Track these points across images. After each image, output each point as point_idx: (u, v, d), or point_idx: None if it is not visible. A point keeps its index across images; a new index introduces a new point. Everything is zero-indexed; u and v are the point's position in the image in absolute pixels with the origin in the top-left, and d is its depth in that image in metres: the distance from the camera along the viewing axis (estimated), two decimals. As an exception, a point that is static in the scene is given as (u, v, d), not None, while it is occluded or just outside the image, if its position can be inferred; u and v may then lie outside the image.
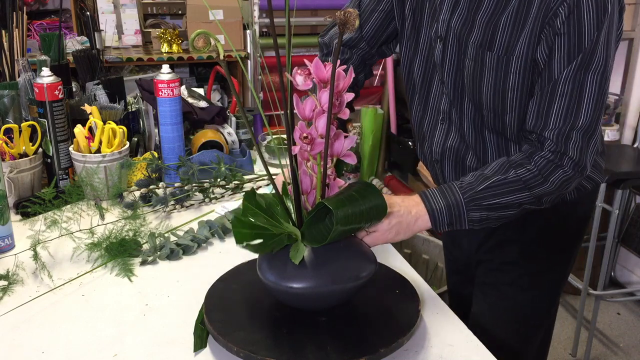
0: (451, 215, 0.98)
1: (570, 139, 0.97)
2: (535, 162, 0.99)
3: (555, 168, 0.98)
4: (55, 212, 1.18)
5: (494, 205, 0.98)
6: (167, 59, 3.27)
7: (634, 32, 2.70)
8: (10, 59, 1.60)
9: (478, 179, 0.99)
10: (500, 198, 0.98)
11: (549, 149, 0.98)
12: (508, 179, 0.98)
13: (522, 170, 0.99)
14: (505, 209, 0.99)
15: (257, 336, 0.84)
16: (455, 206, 0.97)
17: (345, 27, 0.74)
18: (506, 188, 0.98)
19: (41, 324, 0.92)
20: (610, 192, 2.31)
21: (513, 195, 0.98)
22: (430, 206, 0.98)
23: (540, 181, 0.98)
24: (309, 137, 0.82)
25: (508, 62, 1.00)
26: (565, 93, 0.95)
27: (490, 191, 0.98)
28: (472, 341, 0.88)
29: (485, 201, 0.98)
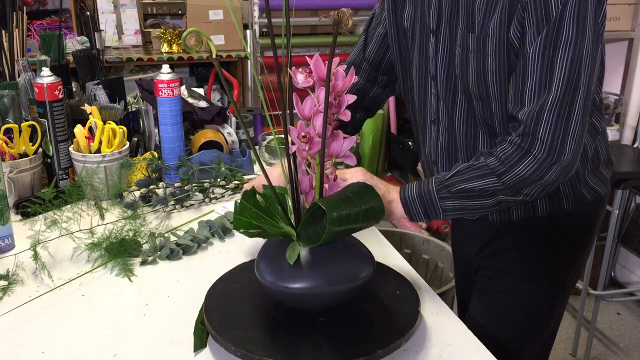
0: (424, 204, 0.99)
1: (540, 119, 0.91)
2: (502, 148, 0.96)
3: (525, 154, 0.93)
4: (55, 212, 1.18)
5: (464, 192, 0.97)
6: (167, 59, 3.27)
7: (633, 32, 2.70)
8: (10, 59, 1.60)
9: (451, 169, 1.00)
10: (468, 184, 0.97)
11: (518, 133, 0.94)
12: (475, 164, 0.98)
13: (489, 157, 0.97)
14: (477, 198, 0.97)
15: (255, 335, 0.84)
16: (427, 194, 0.98)
17: (339, 27, 0.74)
18: (473, 173, 0.97)
19: (41, 324, 0.92)
20: (610, 192, 2.31)
21: (481, 180, 0.96)
22: (404, 194, 0.99)
23: (506, 167, 0.95)
24: (307, 136, 0.82)
25: (485, 43, 0.99)
26: (535, 70, 0.91)
27: (458, 177, 0.97)
28: (472, 341, 0.88)
29: (454, 187, 0.97)
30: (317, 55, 0.82)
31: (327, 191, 0.86)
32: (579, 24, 0.88)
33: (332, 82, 0.82)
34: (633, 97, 2.76)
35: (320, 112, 0.81)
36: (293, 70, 0.83)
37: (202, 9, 3.37)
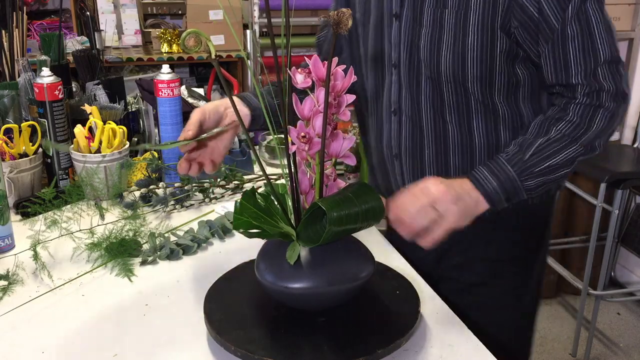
0: (506, 191, 0.97)
1: (598, 75, 0.96)
2: (573, 111, 0.97)
3: (596, 109, 0.97)
4: (55, 212, 1.18)
5: (546, 169, 0.97)
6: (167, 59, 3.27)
7: (633, 32, 2.70)
8: (10, 59, 1.60)
9: (522, 146, 0.98)
10: (550, 160, 0.96)
11: (583, 93, 0.97)
12: (552, 138, 0.97)
13: (562, 124, 0.98)
14: (559, 169, 0.97)
15: (255, 335, 0.84)
16: (508, 181, 0.96)
17: (338, 27, 0.75)
18: (553, 148, 0.97)
19: (41, 324, 0.92)
20: (610, 192, 2.31)
21: (562, 153, 0.97)
22: (484, 189, 0.96)
23: (584, 128, 0.97)
24: (306, 136, 0.82)
25: (465, 19, 0.98)
26: (575, 35, 0.95)
27: (538, 156, 0.96)
28: (472, 341, 0.88)
29: (536, 168, 0.96)
30: (316, 56, 0.82)
31: (327, 191, 0.87)
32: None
33: (331, 82, 0.82)
34: (633, 97, 2.76)
35: (320, 112, 0.82)
36: (292, 70, 0.83)
37: (202, 9, 3.37)
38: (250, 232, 0.87)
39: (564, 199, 2.67)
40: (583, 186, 2.52)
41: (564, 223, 2.76)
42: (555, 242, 2.74)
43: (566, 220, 2.76)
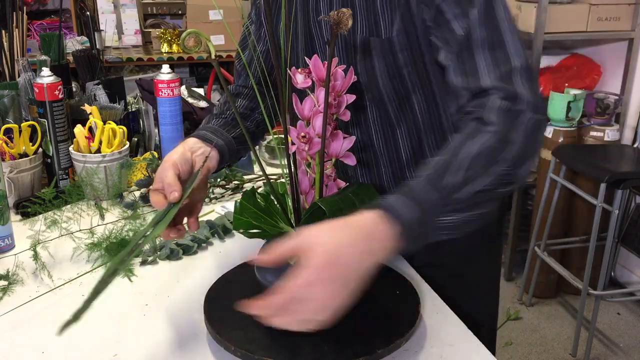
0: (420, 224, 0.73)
1: (513, 79, 0.82)
2: (493, 117, 0.80)
3: (518, 114, 0.79)
4: (55, 212, 1.18)
5: (478, 197, 0.76)
6: (167, 59, 3.27)
7: (633, 32, 2.70)
8: (10, 59, 1.60)
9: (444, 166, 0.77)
10: (478, 181, 0.76)
11: (499, 97, 0.81)
12: (479, 154, 0.77)
13: (485, 137, 0.78)
14: (483, 205, 0.78)
15: (255, 335, 0.84)
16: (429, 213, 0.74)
17: (339, 27, 0.75)
18: (479, 164, 0.76)
19: (41, 324, 0.92)
20: (610, 192, 2.31)
21: (489, 174, 0.77)
22: (402, 222, 0.71)
23: (511, 138, 0.78)
24: (306, 136, 0.82)
25: (392, 44, 0.93)
26: (484, 39, 0.84)
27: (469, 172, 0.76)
28: (472, 341, 0.88)
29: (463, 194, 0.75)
30: (316, 56, 0.82)
31: (327, 191, 0.87)
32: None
33: (331, 82, 0.82)
34: (633, 97, 2.76)
35: (320, 113, 0.82)
36: (292, 70, 0.84)
37: (202, 9, 3.37)
38: (250, 232, 0.87)
39: (564, 199, 2.68)
40: (583, 186, 2.52)
41: (564, 223, 2.76)
42: (555, 242, 2.74)
43: (566, 220, 2.76)
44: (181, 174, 0.89)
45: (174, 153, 0.93)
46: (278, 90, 0.84)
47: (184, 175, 0.90)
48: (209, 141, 0.99)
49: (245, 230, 0.88)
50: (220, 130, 1.03)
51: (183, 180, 0.89)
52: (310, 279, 0.66)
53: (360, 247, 0.68)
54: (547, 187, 2.62)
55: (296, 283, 0.66)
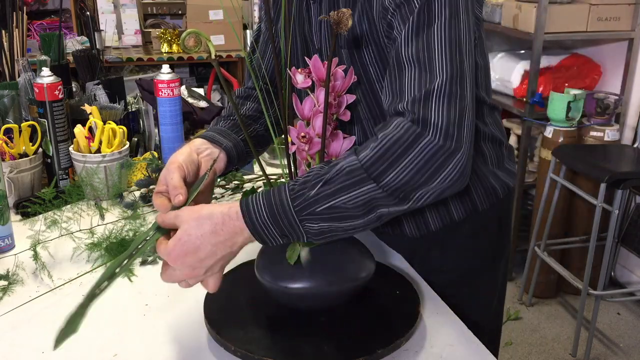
0: (280, 225, 0.77)
1: (429, 103, 0.77)
2: (384, 135, 0.76)
3: (415, 139, 0.75)
4: (55, 212, 1.18)
5: (330, 212, 0.76)
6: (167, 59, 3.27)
7: (633, 32, 2.70)
8: (10, 59, 1.60)
9: (315, 176, 0.77)
10: (335, 199, 0.75)
11: (406, 119, 0.77)
12: (343, 169, 0.76)
13: (363, 152, 0.76)
14: (347, 217, 0.77)
15: (255, 335, 0.84)
16: (282, 213, 0.76)
17: (339, 27, 0.75)
18: (341, 183, 0.75)
19: (41, 324, 0.92)
20: (610, 192, 2.31)
21: (352, 191, 0.75)
22: (251, 217, 0.77)
23: (388, 162, 0.75)
24: (306, 136, 0.82)
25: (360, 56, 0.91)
26: (411, 56, 0.79)
27: (324, 192, 0.76)
28: (473, 341, 0.88)
29: (319, 206, 0.76)
30: (316, 56, 0.82)
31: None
32: (451, 6, 0.79)
33: (331, 82, 0.82)
34: (633, 97, 2.76)
35: (320, 113, 0.82)
36: (292, 70, 0.83)
37: (202, 9, 3.38)
38: None
39: (563, 199, 2.67)
40: (583, 186, 2.52)
41: (564, 223, 2.76)
42: (555, 242, 2.74)
43: (566, 220, 2.76)
44: (187, 176, 0.88)
45: (179, 154, 0.91)
46: (278, 91, 0.84)
47: (189, 178, 0.89)
48: (217, 142, 0.96)
49: None
50: (229, 132, 1.00)
51: (189, 182, 0.88)
52: (167, 258, 0.80)
53: (211, 240, 0.78)
54: (547, 187, 2.62)
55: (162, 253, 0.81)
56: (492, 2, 2.97)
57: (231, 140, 0.98)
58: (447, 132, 0.75)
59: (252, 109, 1.10)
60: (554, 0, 2.64)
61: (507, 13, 2.85)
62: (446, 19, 0.79)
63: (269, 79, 1.13)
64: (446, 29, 0.78)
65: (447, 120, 0.76)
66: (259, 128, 1.08)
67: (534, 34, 2.62)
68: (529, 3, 2.68)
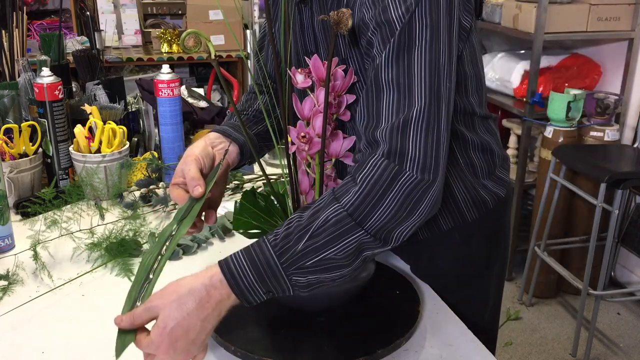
0: (268, 286, 0.75)
1: (407, 134, 0.75)
2: (362, 177, 0.75)
3: (396, 174, 0.74)
4: (55, 212, 1.18)
5: (319, 265, 0.75)
6: (167, 59, 3.27)
7: (633, 32, 2.70)
8: (10, 59, 1.60)
9: (297, 228, 0.76)
10: (324, 252, 0.74)
11: (382, 152, 0.75)
12: (330, 219, 0.74)
13: (346, 198, 0.75)
14: (336, 267, 0.75)
15: (255, 336, 0.84)
16: (272, 277, 0.75)
17: (338, 27, 0.75)
18: (330, 234, 0.74)
19: (41, 324, 0.92)
20: (610, 192, 2.31)
21: (341, 242, 0.74)
22: (239, 286, 0.75)
23: (371, 204, 0.74)
24: (306, 136, 0.82)
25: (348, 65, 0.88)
26: (391, 80, 0.77)
27: (312, 245, 0.74)
28: (472, 341, 0.88)
29: (308, 261, 0.74)
30: (316, 56, 0.82)
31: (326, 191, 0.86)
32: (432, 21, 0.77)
33: (331, 82, 0.82)
34: (633, 97, 2.76)
35: (320, 113, 0.82)
36: (292, 70, 0.83)
37: (202, 9, 3.37)
38: (250, 232, 0.87)
39: (563, 199, 2.67)
40: (583, 186, 2.52)
41: (564, 223, 2.76)
42: (555, 242, 2.74)
43: (566, 220, 2.76)
44: (203, 169, 0.89)
45: (195, 147, 0.93)
46: (278, 91, 0.84)
47: (206, 170, 0.90)
48: (231, 137, 0.98)
49: (245, 230, 0.88)
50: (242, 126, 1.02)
51: (205, 174, 0.89)
52: (155, 351, 0.74)
53: (199, 316, 0.74)
54: (547, 187, 2.62)
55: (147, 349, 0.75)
56: (492, 2, 2.97)
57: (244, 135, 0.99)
58: (425, 165, 0.75)
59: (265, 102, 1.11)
60: (554, 0, 2.64)
61: (507, 13, 2.85)
62: (427, 42, 0.77)
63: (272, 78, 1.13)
64: (426, 53, 0.77)
65: (424, 153, 0.75)
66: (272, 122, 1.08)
67: (534, 34, 2.62)
68: (529, 3, 2.68)
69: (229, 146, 0.96)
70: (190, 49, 0.80)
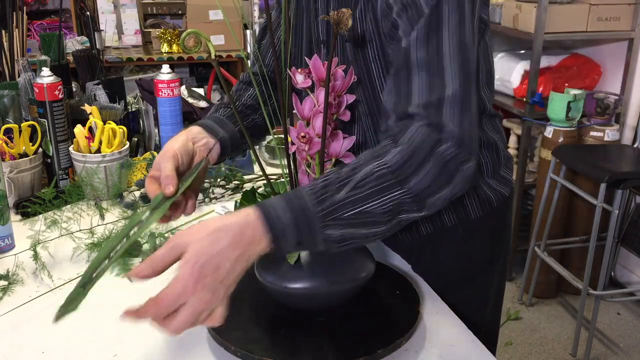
0: (299, 232, 0.72)
1: (443, 111, 0.77)
2: (406, 139, 0.76)
3: (434, 145, 0.75)
4: (55, 212, 1.18)
5: (357, 218, 0.73)
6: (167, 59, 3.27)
7: (634, 32, 2.70)
8: (10, 59, 1.60)
9: (336, 180, 0.74)
10: (365, 204, 0.73)
11: (422, 122, 0.77)
12: (372, 173, 0.74)
13: (389, 156, 0.75)
14: (374, 223, 0.74)
15: (255, 336, 0.84)
16: (303, 218, 0.71)
17: (338, 27, 0.75)
18: (372, 188, 0.73)
19: (41, 324, 0.92)
20: (610, 192, 2.31)
21: (383, 196, 0.74)
22: (274, 222, 0.71)
23: (414, 167, 0.74)
24: (306, 136, 0.82)
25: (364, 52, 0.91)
26: (422, 60, 0.79)
27: (353, 194, 0.73)
28: (472, 341, 0.88)
29: (347, 211, 0.72)
30: (316, 56, 0.82)
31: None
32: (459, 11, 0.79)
33: (331, 82, 0.82)
34: (633, 97, 2.76)
35: (320, 113, 0.82)
36: (292, 70, 0.84)
37: (202, 9, 3.38)
38: None
39: (564, 199, 2.67)
40: (583, 186, 2.52)
41: (564, 223, 2.76)
42: (555, 242, 2.74)
43: (566, 220, 2.76)
44: (180, 166, 0.88)
45: (175, 141, 0.91)
46: (278, 90, 0.84)
47: (182, 167, 0.89)
48: (214, 132, 0.97)
49: None
50: (226, 121, 1.00)
51: (181, 171, 0.88)
52: (183, 289, 0.68)
53: (230, 255, 0.69)
54: (547, 187, 2.62)
55: (172, 292, 0.69)
56: (492, 2, 2.97)
57: (228, 131, 0.99)
58: (462, 141, 0.76)
59: (253, 97, 1.10)
60: (554, 0, 2.64)
61: (507, 13, 2.85)
62: (455, 24, 0.79)
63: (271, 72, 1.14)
64: (455, 34, 0.78)
65: (461, 130, 0.77)
66: (257, 119, 1.08)
67: (534, 34, 2.62)
68: (529, 3, 2.68)
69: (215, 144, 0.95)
70: (190, 49, 0.80)
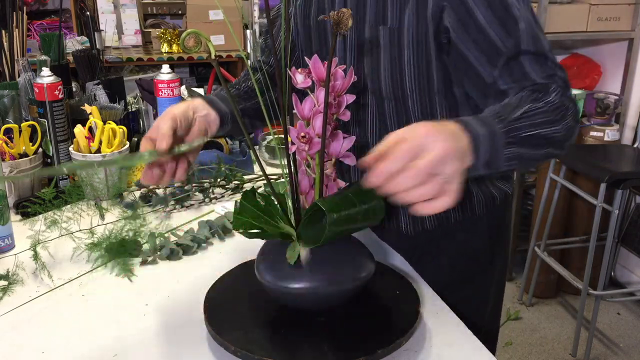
0: (492, 148, 0.77)
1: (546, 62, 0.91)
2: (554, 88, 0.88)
3: (564, 91, 0.88)
4: (55, 212, 1.18)
5: (531, 138, 0.81)
6: (167, 59, 3.27)
7: (634, 32, 2.70)
8: (10, 59, 1.60)
9: (509, 106, 0.84)
10: (537, 129, 0.82)
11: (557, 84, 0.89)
12: (541, 108, 0.84)
13: (549, 97, 0.86)
14: (540, 145, 0.83)
15: (255, 336, 0.84)
16: (492, 135, 0.77)
17: (338, 27, 0.75)
18: (542, 118, 0.83)
19: (41, 324, 0.92)
20: (610, 192, 2.31)
21: (549, 127, 0.83)
22: (474, 133, 0.75)
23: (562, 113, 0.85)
24: (306, 136, 0.82)
25: (400, 35, 0.94)
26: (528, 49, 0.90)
27: (526, 119, 0.81)
28: (472, 341, 0.88)
29: (522, 132, 0.80)
30: (316, 56, 0.82)
31: (327, 191, 0.87)
32: None
33: (331, 82, 0.82)
34: (633, 97, 2.76)
35: (320, 113, 0.82)
36: (292, 70, 0.83)
37: (202, 9, 3.37)
38: (250, 232, 0.87)
39: (563, 199, 2.67)
40: (583, 186, 2.52)
41: (564, 223, 2.76)
42: (555, 242, 2.74)
43: (566, 220, 2.76)
44: (178, 129, 0.90)
45: (176, 107, 0.93)
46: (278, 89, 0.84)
47: (180, 131, 0.91)
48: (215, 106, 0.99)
49: (245, 230, 0.88)
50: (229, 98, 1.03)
51: (178, 135, 0.90)
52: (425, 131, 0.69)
53: (459, 154, 0.71)
54: (547, 187, 2.62)
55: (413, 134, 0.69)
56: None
57: (230, 108, 1.01)
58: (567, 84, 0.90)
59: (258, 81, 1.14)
60: (554, 0, 2.64)
61: (507, 13, 2.84)
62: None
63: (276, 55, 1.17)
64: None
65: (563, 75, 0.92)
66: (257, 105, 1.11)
67: (534, 34, 2.62)
68: (529, 3, 2.68)
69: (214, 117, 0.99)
70: (190, 49, 0.80)
